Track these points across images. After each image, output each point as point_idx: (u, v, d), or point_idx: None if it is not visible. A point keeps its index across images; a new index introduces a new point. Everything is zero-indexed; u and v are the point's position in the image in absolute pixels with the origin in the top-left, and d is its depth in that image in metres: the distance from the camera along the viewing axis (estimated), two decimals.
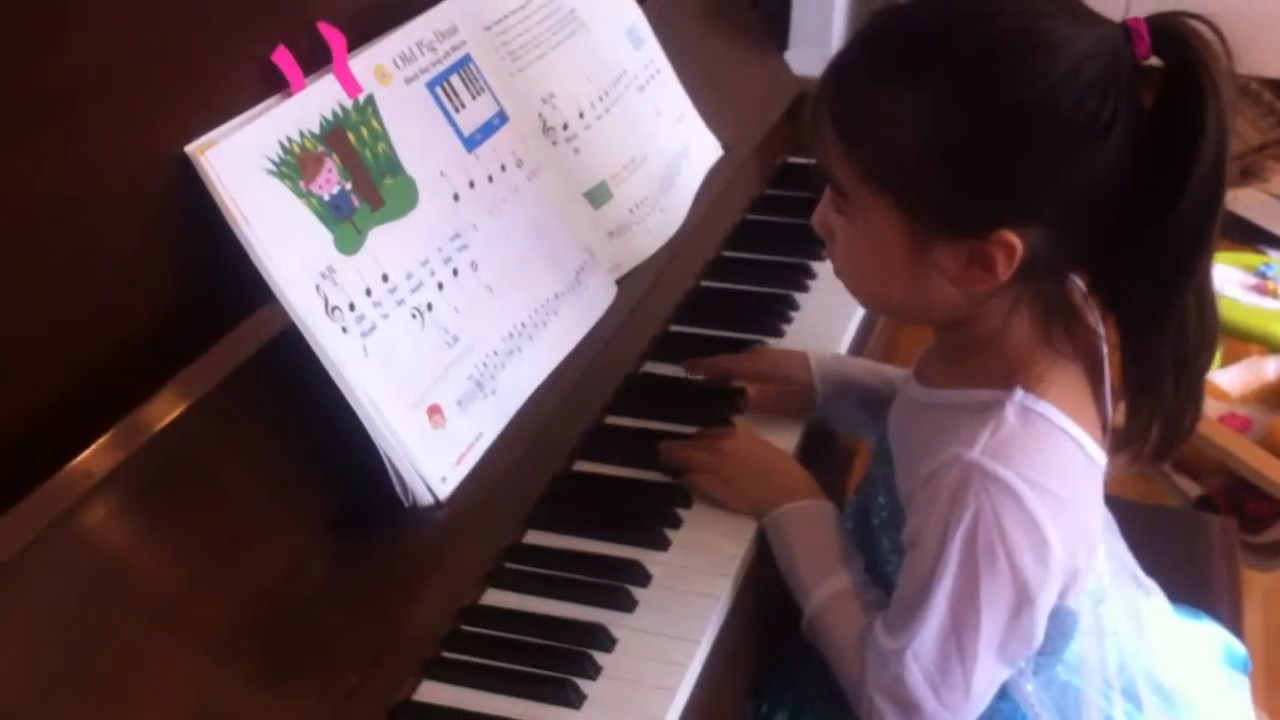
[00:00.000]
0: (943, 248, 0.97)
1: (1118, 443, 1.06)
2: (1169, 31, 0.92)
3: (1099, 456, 1.03)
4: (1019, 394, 1.00)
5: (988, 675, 1.02)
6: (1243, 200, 3.24)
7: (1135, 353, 1.01)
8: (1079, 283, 1.06)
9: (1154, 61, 0.93)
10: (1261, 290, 2.45)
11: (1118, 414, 1.07)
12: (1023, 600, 0.99)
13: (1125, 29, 0.93)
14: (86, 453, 0.87)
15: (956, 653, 1.00)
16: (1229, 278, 2.46)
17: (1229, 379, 2.18)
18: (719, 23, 1.83)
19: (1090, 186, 0.93)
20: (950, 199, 0.94)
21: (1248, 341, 2.41)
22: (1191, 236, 0.93)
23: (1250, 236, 3.06)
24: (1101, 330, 1.08)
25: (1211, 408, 2.09)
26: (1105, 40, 0.92)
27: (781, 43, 2.97)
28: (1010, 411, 0.99)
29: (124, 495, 0.88)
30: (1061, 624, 1.08)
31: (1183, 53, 0.92)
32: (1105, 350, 1.07)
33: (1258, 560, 1.93)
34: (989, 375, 1.03)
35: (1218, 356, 2.37)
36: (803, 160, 1.83)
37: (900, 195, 0.96)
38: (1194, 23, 0.92)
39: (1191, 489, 2.05)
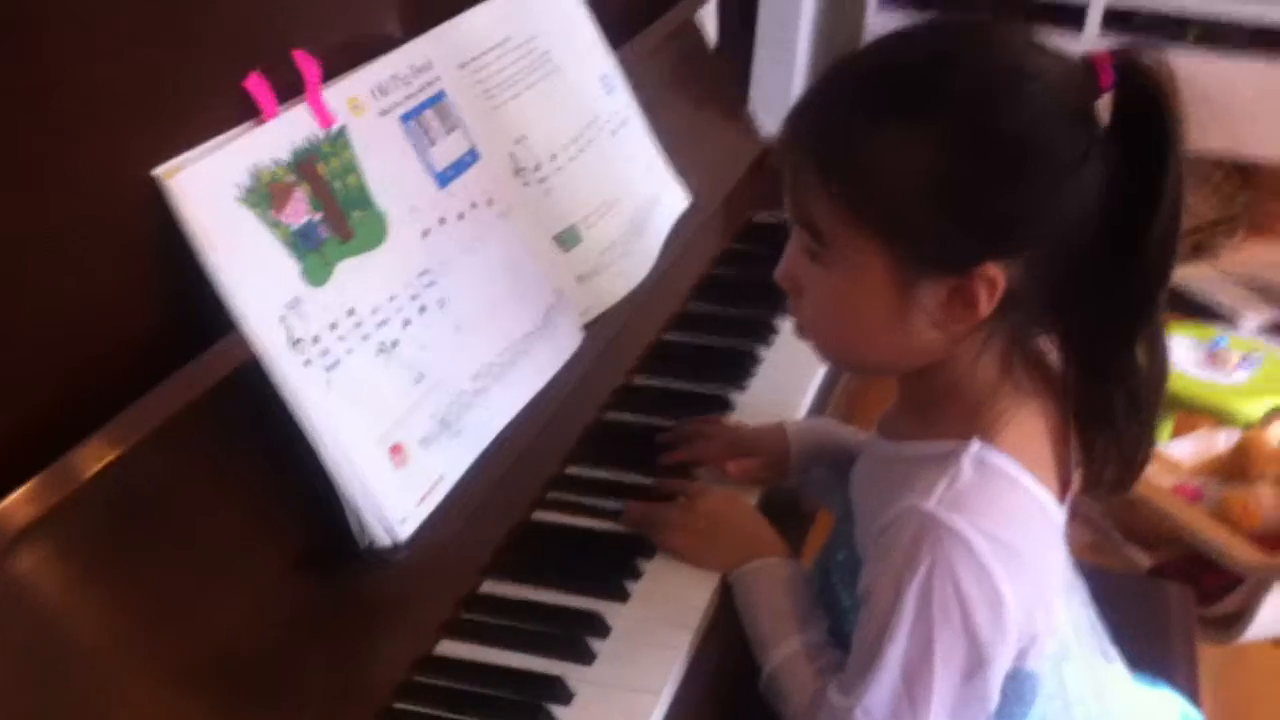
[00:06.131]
0: (926, 287, 0.96)
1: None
2: (1132, 65, 0.94)
3: (1055, 511, 1.03)
4: (975, 445, 0.99)
5: None
6: (1194, 276, 3.28)
7: (1091, 392, 1.02)
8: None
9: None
10: (1213, 363, 2.46)
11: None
12: (976, 659, 0.97)
13: (1087, 62, 0.94)
14: (17, 493, 0.82)
15: (909, 711, 0.98)
16: (1181, 351, 2.47)
17: (1181, 450, 2.19)
18: (687, 79, 1.83)
19: (1066, 219, 0.93)
20: (940, 236, 0.94)
21: (1198, 414, 2.43)
22: (1156, 267, 0.95)
23: (1201, 313, 3.09)
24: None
25: (1164, 479, 2.10)
26: (1073, 72, 0.94)
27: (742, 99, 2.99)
28: (966, 462, 0.98)
29: (64, 538, 0.85)
30: (1021, 687, 1.06)
31: (1145, 85, 0.93)
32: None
33: (1213, 633, 1.93)
34: (949, 425, 1.02)
35: (1169, 429, 2.41)
36: (768, 218, 1.83)
37: (888, 236, 0.95)
38: (1151, 58, 0.94)
39: (1143, 560, 2.05)
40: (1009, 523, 0.98)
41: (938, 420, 1.03)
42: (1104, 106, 0.95)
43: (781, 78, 2.61)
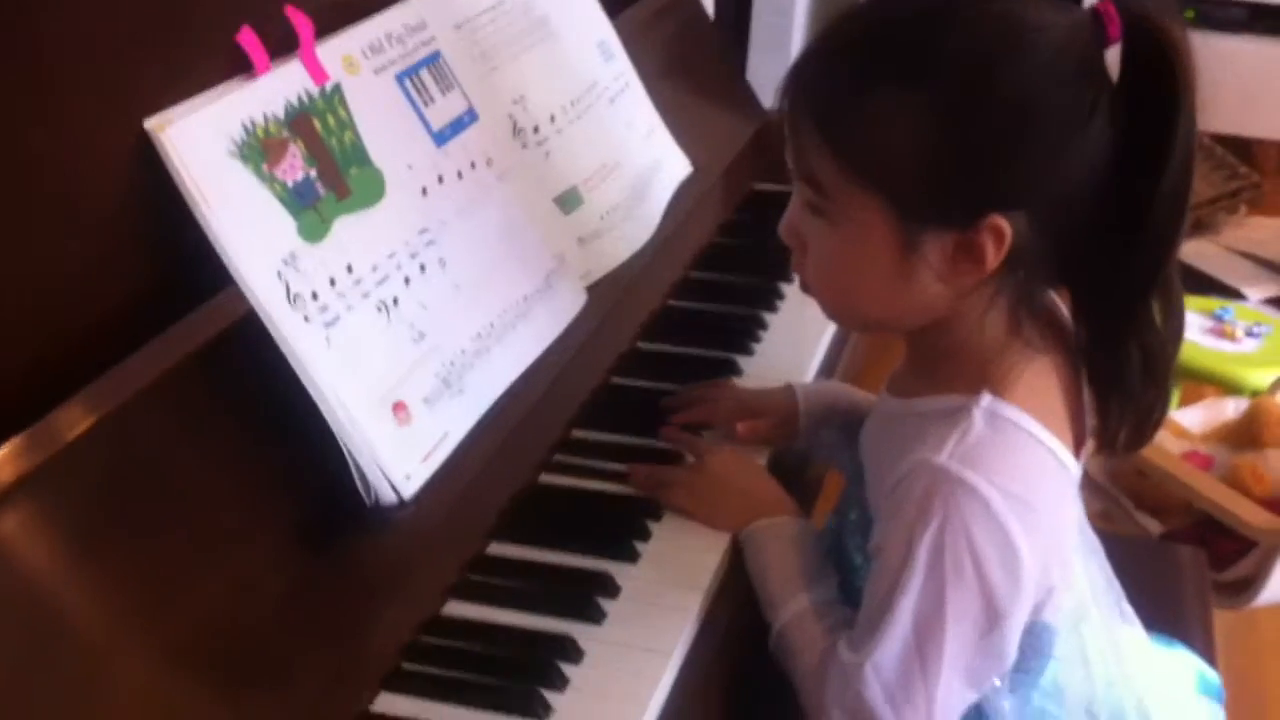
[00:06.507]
0: (930, 241, 0.94)
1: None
2: (1139, 14, 0.92)
3: (1071, 464, 1.01)
4: (986, 398, 0.97)
5: (953, 697, 0.98)
6: (1195, 252, 3.26)
7: (1103, 349, 1.00)
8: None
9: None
10: (1219, 334, 2.45)
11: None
12: (991, 616, 0.95)
13: (1095, 12, 0.92)
14: (9, 444, 0.80)
15: (919, 669, 0.96)
16: (1187, 321, 2.45)
17: (1190, 419, 2.17)
18: (686, 49, 1.82)
19: (1074, 173, 0.92)
20: (944, 191, 0.92)
21: (1206, 384, 2.41)
22: (1167, 223, 0.93)
23: (1203, 287, 3.07)
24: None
25: (1174, 446, 2.08)
26: (1079, 24, 0.92)
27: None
28: (978, 416, 0.97)
29: (48, 500, 0.82)
30: (1038, 640, 1.04)
31: (1154, 35, 0.91)
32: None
33: (1225, 598, 1.91)
34: (959, 380, 1.00)
35: (1176, 397, 2.40)
36: (770, 187, 1.82)
37: (891, 191, 0.93)
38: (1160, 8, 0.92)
39: (1154, 527, 2.03)
40: (1022, 476, 0.96)
41: (947, 376, 1.02)
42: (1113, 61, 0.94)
43: (778, 53, 2.60)
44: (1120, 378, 1.00)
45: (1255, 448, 2.06)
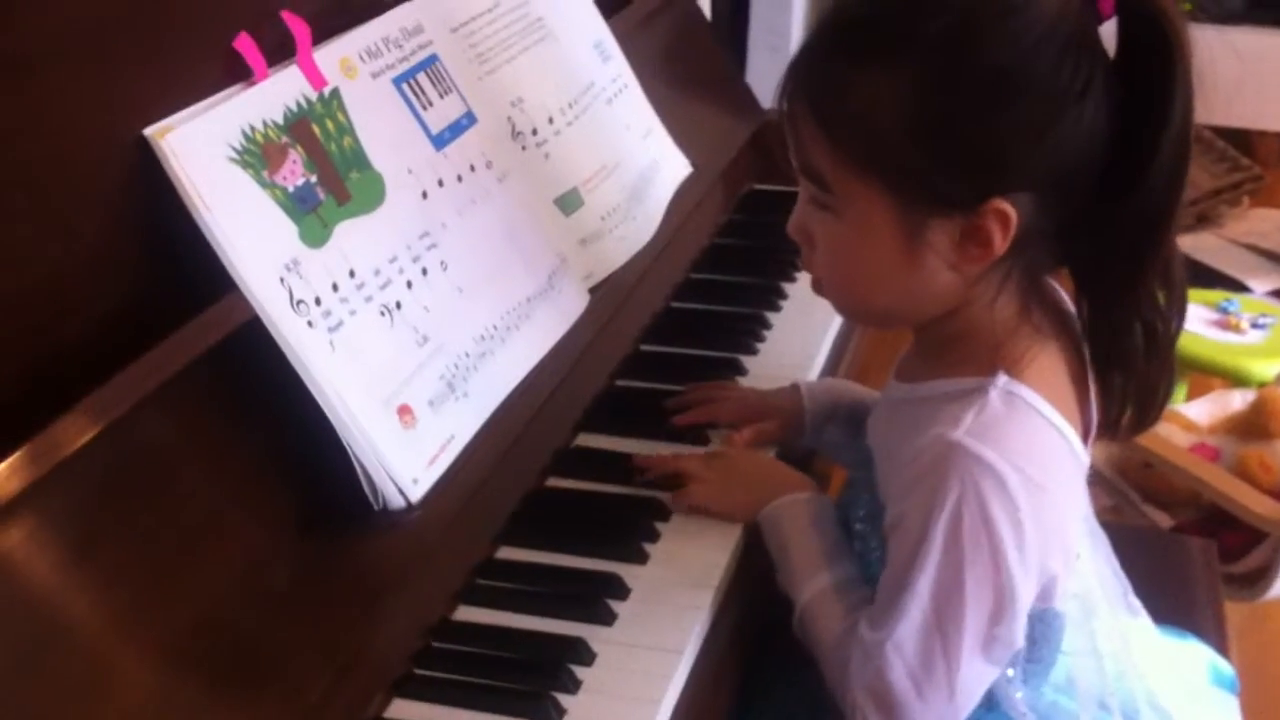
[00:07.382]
0: (936, 228, 0.94)
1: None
2: None
3: (1080, 451, 1.01)
4: (1002, 378, 0.97)
5: (973, 672, 0.98)
6: (1198, 244, 3.26)
7: (1106, 328, 1.00)
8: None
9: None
10: (1224, 326, 2.44)
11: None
12: (1006, 592, 0.95)
13: None
14: (13, 457, 0.80)
15: (940, 645, 0.96)
16: (1192, 314, 2.44)
17: (1197, 411, 2.16)
18: (683, 50, 1.82)
19: (1072, 150, 0.92)
20: (940, 174, 0.92)
21: (1212, 376, 2.41)
22: (1164, 198, 0.93)
23: (1207, 280, 3.07)
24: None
25: (1181, 439, 2.07)
26: (1069, 2, 0.91)
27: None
28: (994, 394, 0.96)
29: (55, 511, 0.81)
30: (1049, 627, 1.04)
31: (1148, 11, 0.91)
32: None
33: (1235, 591, 1.90)
34: (971, 363, 1.00)
35: (1183, 391, 2.39)
36: (769, 187, 1.81)
37: (890, 178, 0.93)
38: None
39: (1163, 520, 2.02)
40: (1036, 457, 0.96)
41: (959, 360, 1.01)
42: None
43: (777, 52, 2.58)
44: (1124, 355, 0.99)
45: (1262, 439, 2.06)
